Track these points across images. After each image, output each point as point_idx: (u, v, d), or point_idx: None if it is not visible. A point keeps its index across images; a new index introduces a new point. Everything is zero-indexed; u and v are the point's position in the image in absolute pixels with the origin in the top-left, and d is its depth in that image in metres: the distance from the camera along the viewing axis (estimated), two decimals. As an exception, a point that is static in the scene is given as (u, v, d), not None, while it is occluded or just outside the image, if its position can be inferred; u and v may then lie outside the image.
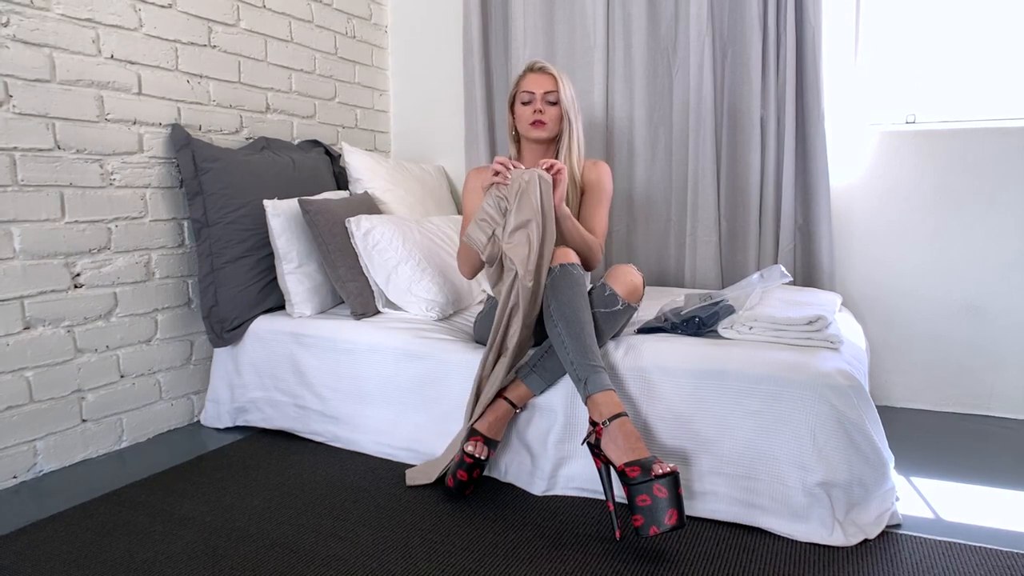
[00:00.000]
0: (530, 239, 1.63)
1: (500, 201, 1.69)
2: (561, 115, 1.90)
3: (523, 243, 1.63)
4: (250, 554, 1.45)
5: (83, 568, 1.40)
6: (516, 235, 1.64)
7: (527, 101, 1.90)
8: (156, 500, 1.71)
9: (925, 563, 1.39)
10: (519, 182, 1.66)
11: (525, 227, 1.64)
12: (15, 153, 1.78)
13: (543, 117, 1.88)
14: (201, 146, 2.14)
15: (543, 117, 1.88)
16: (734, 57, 2.47)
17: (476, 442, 1.69)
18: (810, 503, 1.48)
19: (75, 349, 1.93)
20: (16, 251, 1.79)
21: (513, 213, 1.65)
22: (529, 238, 1.63)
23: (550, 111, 1.89)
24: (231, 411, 2.22)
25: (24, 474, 1.84)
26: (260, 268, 2.23)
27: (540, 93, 1.88)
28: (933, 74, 2.37)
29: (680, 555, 1.44)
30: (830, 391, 1.49)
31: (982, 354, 2.34)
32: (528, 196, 1.65)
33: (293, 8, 2.62)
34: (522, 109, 1.92)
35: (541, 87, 1.89)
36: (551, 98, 1.89)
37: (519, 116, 1.93)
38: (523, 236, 1.64)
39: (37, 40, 1.81)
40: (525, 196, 1.65)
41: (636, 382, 1.67)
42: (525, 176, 1.67)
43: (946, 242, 2.36)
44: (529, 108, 1.90)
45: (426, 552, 1.45)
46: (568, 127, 1.91)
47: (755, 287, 1.81)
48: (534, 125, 1.89)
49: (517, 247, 1.63)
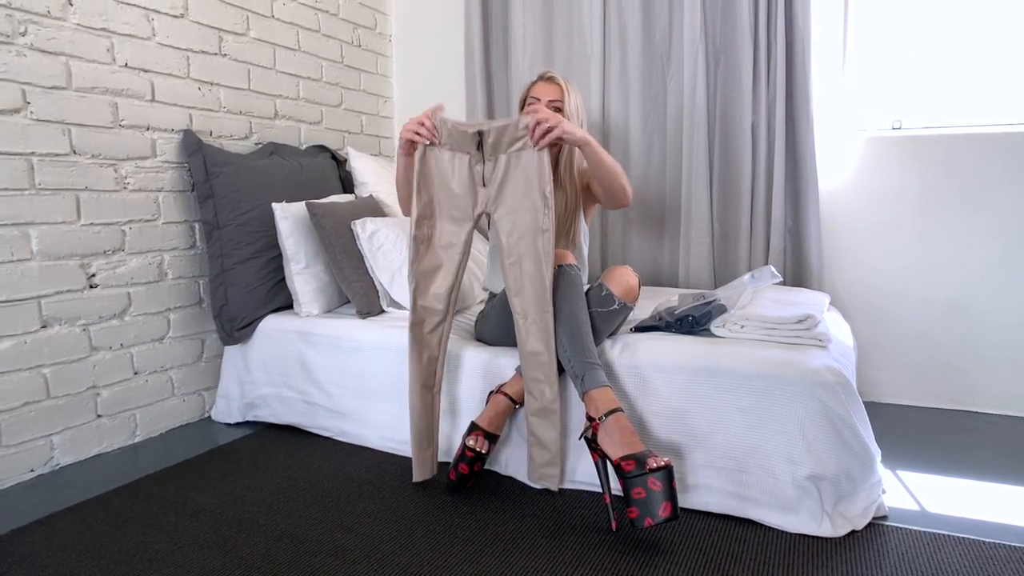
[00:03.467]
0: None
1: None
2: None
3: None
4: (259, 544, 1.45)
5: (99, 557, 1.40)
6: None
7: (532, 106, 1.91)
8: (169, 492, 1.71)
9: (911, 553, 1.39)
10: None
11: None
12: (33, 158, 1.78)
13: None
14: (212, 151, 2.14)
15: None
16: (726, 65, 2.47)
17: (477, 436, 1.70)
18: (799, 496, 1.49)
19: (90, 347, 1.93)
20: (34, 252, 1.79)
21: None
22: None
23: None
24: (241, 407, 2.22)
25: (41, 467, 1.84)
26: (269, 269, 2.23)
27: (545, 100, 1.88)
28: (918, 82, 2.37)
29: (674, 546, 1.44)
30: (819, 387, 1.49)
31: (966, 352, 2.34)
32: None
33: (301, 18, 2.62)
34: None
35: (546, 95, 1.89)
36: (555, 105, 1.89)
37: None
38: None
39: (54, 49, 1.81)
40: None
41: (632, 379, 1.67)
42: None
43: (931, 244, 2.36)
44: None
45: (429, 543, 1.45)
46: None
47: (747, 287, 1.81)
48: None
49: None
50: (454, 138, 1.66)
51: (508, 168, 1.65)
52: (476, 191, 1.69)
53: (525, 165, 1.64)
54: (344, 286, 2.17)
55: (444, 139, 1.66)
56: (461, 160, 1.68)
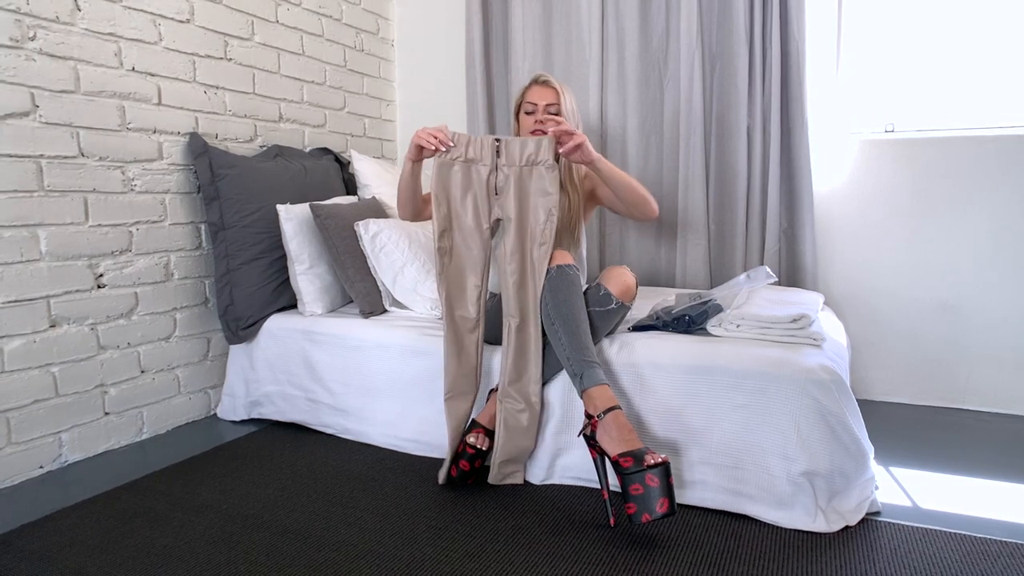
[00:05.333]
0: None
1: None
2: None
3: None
4: (264, 540, 1.45)
5: (106, 552, 1.40)
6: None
7: (530, 111, 1.91)
8: (175, 489, 1.71)
9: (903, 548, 1.39)
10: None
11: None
12: (42, 160, 1.78)
13: (544, 128, 1.89)
14: (217, 154, 2.14)
15: (544, 128, 1.89)
16: (722, 70, 2.47)
17: (478, 434, 1.70)
18: (794, 491, 1.49)
19: (98, 346, 1.93)
20: (43, 253, 1.79)
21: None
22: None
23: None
24: (246, 404, 2.22)
25: (50, 464, 1.84)
26: (273, 269, 2.23)
27: (542, 105, 1.89)
28: (911, 85, 2.37)
29: (671, 540, 1.44)
30: (813, 385, 1.49)
31: (957, 350, 2.35)
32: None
33: (305, 23, 2.62)
34: (525, 118, 1.93)
35: (543, 99, 1.89)
36: (552, 110, 1.89)
37: (523, 125, 1.95)
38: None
39: (62, 53, 1.81)
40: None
41: (629, 377, 1.67)
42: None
43: (923, 244, 2.36)
44: (531, 118, 1.91)
45: (431, 538, 1.45)
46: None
47: (742, 287, 1.81)
48: (534, 135, 1.89)
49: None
50: (472, 147, 1.71)
51: (520, 180, 1.71)
52: (490, 200, 1.73)
53: (536, 180, 1.71)
54: (347, 286, 2.17)
55: (458, 152, 1.71)
56: (477, 171, 1.73)
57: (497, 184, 1.73)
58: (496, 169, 1.72)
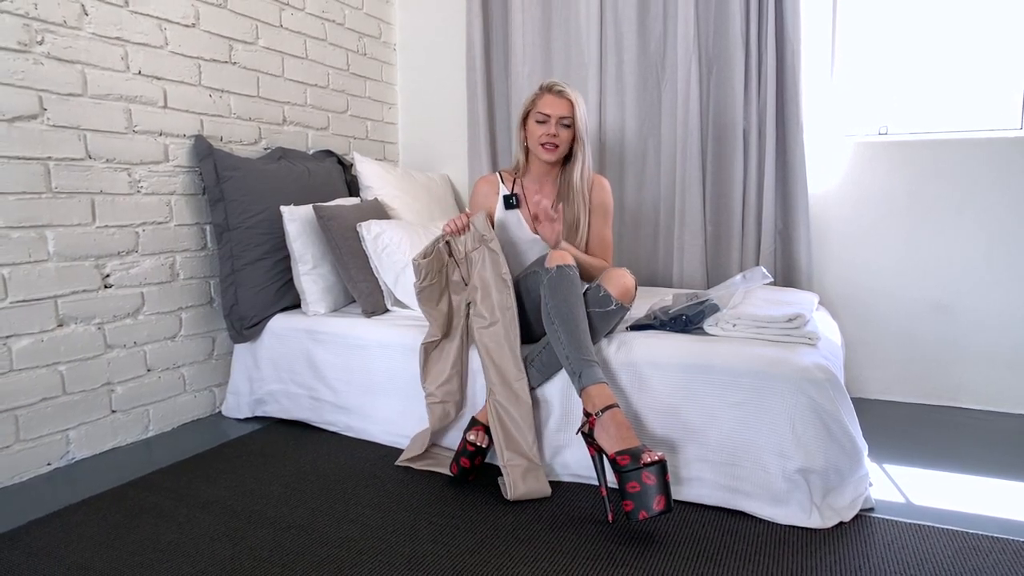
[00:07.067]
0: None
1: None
2: (574, 137, 1.89)
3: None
4: (268, 536, 1.45)
5: (113, 548, 1.40)
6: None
7: (542, 121, 1.86)
8: (181, 485, 1.71)
9: (897, 544, 1.39)
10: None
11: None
12: (49, 162, 1.78)
13: (556, 140, 1.85)
14: (222, 156, 2.14)
15: (556, 140, 1.85)
16: (719, 73, 2.47)
17: (478, 432, 1.70)
18: (789, 488, 1.49)
19: (105, 345, 1.94)
20: (50, 254, 1.79)
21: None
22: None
23: (564, 134, 1.86)
24: (250, 402, 2.22)
25: (57, 461, 1.84)
26: (277, 269, 2.23)
27: (556, 117, 1.84)
28: (904, 88, 2.37)
29: (668, 537, 1.44)
30: (808, 384, 1.49)
31: (950, 349, 2.34)
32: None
33: (308, 27, 2.62)
34: (536, 127, 1.88)
35: (557, 111, 1.84)
36: (566, 122, 1.85)
37: (531, 132, 1.90)
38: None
39: (70, 57, 1.81)
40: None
41: (628, 376, 1.67)
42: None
43: (916, 245, 2.36)
44: (542, 128, 1.86)
45: (432, 534, 1.45)
46: (580, 148, 1.90)
47: (738, 287, 1.81)
48: (545, 148, 1.87)
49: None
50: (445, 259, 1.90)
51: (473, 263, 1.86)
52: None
53: (491, 264, 1.82)
54: (350, 286, 2.17)
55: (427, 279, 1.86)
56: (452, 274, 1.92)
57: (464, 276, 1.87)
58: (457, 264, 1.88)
